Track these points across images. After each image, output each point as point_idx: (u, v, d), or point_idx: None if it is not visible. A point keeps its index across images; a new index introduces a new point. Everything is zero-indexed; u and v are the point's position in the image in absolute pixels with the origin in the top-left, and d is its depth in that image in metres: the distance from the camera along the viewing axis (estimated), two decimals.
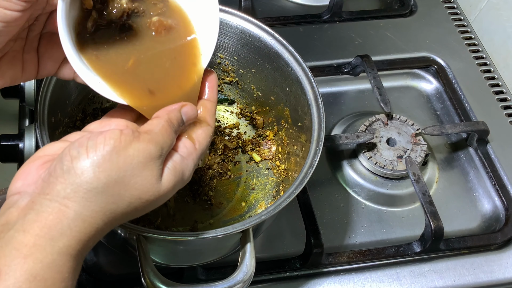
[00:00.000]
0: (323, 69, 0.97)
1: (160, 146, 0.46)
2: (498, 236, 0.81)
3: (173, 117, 0.49)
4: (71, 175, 0.42)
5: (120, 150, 0.44)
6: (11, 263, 0.40)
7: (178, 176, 0.47)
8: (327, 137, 0.83)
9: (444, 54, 1.01)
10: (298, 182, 0.62)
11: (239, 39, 0.76)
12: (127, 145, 0.44)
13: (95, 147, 0.43)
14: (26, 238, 0.41)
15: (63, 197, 0.42)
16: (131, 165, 0.44)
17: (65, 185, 0.42)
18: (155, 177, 0.45)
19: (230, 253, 0.70)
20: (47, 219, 0.42)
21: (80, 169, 0.43)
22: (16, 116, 0.97)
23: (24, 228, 0.41)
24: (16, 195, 0.44)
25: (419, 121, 0.91)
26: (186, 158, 0.49)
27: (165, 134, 0.47)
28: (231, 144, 0.81)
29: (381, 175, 0.85)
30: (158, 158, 0.46)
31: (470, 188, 0.88)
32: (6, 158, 0.86)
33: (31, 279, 0.40)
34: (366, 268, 0.77)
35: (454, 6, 1.11)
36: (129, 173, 0.44)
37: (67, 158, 0.43)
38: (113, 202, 0.44)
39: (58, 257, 0.41)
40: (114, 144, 0.43)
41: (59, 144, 0.48)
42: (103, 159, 0.43)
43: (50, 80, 0.66)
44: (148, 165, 0.45)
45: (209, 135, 0.52)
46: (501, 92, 0.98)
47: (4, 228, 0.42)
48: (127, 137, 0.44)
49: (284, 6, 1.09)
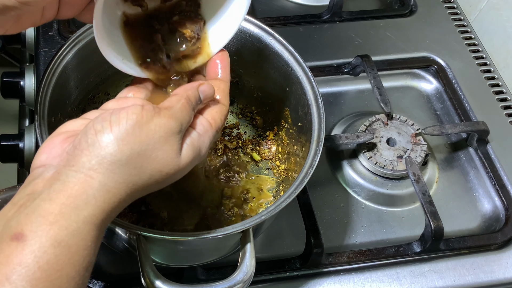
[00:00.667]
0: (323, 69, 0.97)
1: (180, 122, 0.48)
2: (498, 236, 0.81)
3: (191, 95, 0.51)
4: (95, 148, 0.44)
5: (143, 124, 0.46)
6: (37, 229, 0.41)
7: (195, 152, 0.50)
8: (327, 137, 0.83)
9: (444, 54, 1.01)
10: (298, 182, 0.62)
11: (239, 39, 0.76)
12: (149, 120, 0.46)
13: (118, 121, 0.45)
14: (52, 206, 0.42)
15: (88, 168, 0.44)
16: (153, 139, 0.46)
17: (90, 157, 0.44)
18: (175, 151, 0.47)
19: (230, 253, 0.70)
20: (72, 189, 0.43)
21: (104, 142, 0.44)
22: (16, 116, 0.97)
23: (50, 197, 0.42)
24: (41, 168, 0.46)
25: (419, 121, 0.91)
26: (203, 135, 0.51)
27: (184, 110, 0.49)
28: (231, 144, 0.81)
29: (381, 175, 0.85)
30: (178, 133, 0.48)
31: (470, 188, 0.88)
32: (6, 158, 0.86)
33: (55, 244, 0.41)
34: (366, 268, 0.77)
35: (454, 6, 1.11)
36: (151, 147, 0.46)
37: (92, 131, 0.45)
38: (136, 174, 0.45)
39: (82, 225, 0.42)
40: (137, 118, 0.45)
41: (80, 121, 0.50)
42: (126, 133, 0.45)
43: (50, 80, 0.66)
44: (169, 139, 0.47)
45: (224, 114, 0.55)
46: (501, 92, 0.98)
47: (30, 197, 0.43)
48: (149, 112, 0.46)
49: (284, 6, 1.09)
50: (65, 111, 0.72)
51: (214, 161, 0.79)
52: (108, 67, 0.75)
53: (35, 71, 0.89)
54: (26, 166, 0.85)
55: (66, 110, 0.72)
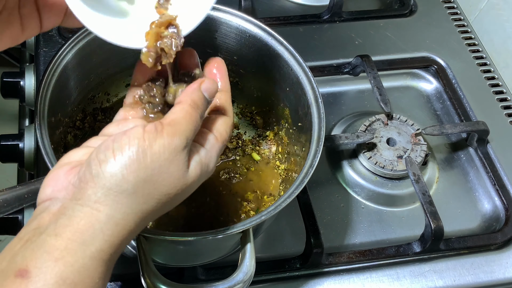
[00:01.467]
0: (323, 69, 0.97)
1: (185, 136, 0.45)
2: (498, 236, 0.81)
3: (195, 98, 0.48)
4: (100, 179, 0.43)
5: (146, 149, 0.43)
6: (42, 266, 0.40)
7: (203, 169, 0.48)
8: (327, 137, 0.83)
9: (444, 54, 1.01)
10: (298, 182, 0.62)
11: (239, 39, 0.76)
12: (152, 143, 0.44)
13: (121, 148, 0.43)
14: (58, 242, 0.41)
15: (94, 201, 0.42)
16: (158, 162, 0.44)
17: (96, 189, 0.43)
18: (182, 171, 0.45)
19: (230, 253, 0.70)
20: (79, 224, 0.42)
21: (108, 173, 0.43)
22: (16, 116, 0.97)
23: (56, 232, 0.41)
24: (47, 202, 0.45)
25: (419, 121, 0.91)
26: (210, 151, 0.49)
27: (189, 120, 0.46)
28: (231, 144, 0.81)
29: (381, 175, 0.85)
30: (184, 149, 0.45)
31: (470, 188, 0.88)
32: (6, 158, 0.86)
33: (60, 282, 0.39)
34: (366, 268, 0.77)
35: (454, 6, 1.11)
36: (157, 171, 0.44)
37: (95, 162, 0.43)
38: (144, 202, 0.44)
39: (89, 261, 0.41)
40: (139, 143, 0.43)
41: (82, 150, 0.48)
42: (130, 160, 0.43)
43: (50, 80, 0.66)
44: (174, 160, 0.45)
45: (229, 126, 0.52)
46: (501, 92, 0.98)
47: (36, 232, 0.42)
48: (151, 135, 0.44)
49: (284, 6, 1.09)
50: (65, 111, 0.72)
51: None
52: (108, 67, 0.76)
53: (35, 71, 0.89)
54: (26, 166, 0.85)
55: (66, 110, 0.72)
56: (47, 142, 0.61)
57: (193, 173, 0.47)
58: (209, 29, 0.76)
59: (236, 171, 0.79)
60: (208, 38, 0.77)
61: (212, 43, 0.78)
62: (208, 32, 0.76)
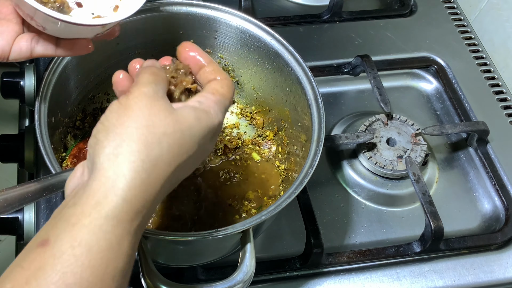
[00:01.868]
0: (323, 69, 0.97)
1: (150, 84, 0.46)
2: (498, 236, 0.81)
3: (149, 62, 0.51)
4: (101, 147, 0.43)
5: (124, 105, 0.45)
6: (60, 233, 0.40)
7: (201, 114, 0.47)
8: (327, 137, 0.83)
9: (444, 54, 1.01)
10: (298, 182, 0.62)
11: (239, 39, 0.76)
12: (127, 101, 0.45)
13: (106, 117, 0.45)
14: (75, 210, 0.41)
15: (101, 164, 0.43)
16: (139, 109, 0.44)
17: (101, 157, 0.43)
18: (167, 110, 0.45)
19: (230, 253, 0.70)
20: (91, 186, 0.42)
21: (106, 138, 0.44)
22: (16, 116, 0.97)
23: (74, 202, 0.42)
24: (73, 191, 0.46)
25: (419, 121, 0.91)
26: (205, 101, 0.48)
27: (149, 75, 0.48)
28: (231, 144, 0.81)
29: (381, 175, 0.85)
30: (155, 94, 0.46)
31: (470, 188, 0.88)
32: (6, 158, 0.86)
33: (75, 244, 0.39)
34: (366, 268, 0.77)
35: (454, 6, 1.11)
36: (141, 116, 0.44)
37: (94, 140, 0.45)
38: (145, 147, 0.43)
39: (105, 222, 0.40)
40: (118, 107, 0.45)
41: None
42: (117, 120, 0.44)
43: (50, 80, 0.66)
44: (153, 103, 0.45)
45: (225, 83, 0.51)
46: (501, 92, 0.98)
47: (59, 210, 0.43)
48: (124, 98, 0.45)
49: (284, 6, 1.09)
50: (65, 111, 0.72)
51: (214, 161, 0.79)
52: (108, 67, 0.76)
53: (35, 71, 0.89)
54: (26, 166, 0.84)
55: (66, 110, 0.73)
56: (47, 142, 0.62)
57: (185, 113, 0.46)
58: (209, 29, 0.76)
59: (236, 171, 0.79)
60: (208, 38, 0.77)
61: (212, 43, 0.78)
62: (208, 32, 0.76)
